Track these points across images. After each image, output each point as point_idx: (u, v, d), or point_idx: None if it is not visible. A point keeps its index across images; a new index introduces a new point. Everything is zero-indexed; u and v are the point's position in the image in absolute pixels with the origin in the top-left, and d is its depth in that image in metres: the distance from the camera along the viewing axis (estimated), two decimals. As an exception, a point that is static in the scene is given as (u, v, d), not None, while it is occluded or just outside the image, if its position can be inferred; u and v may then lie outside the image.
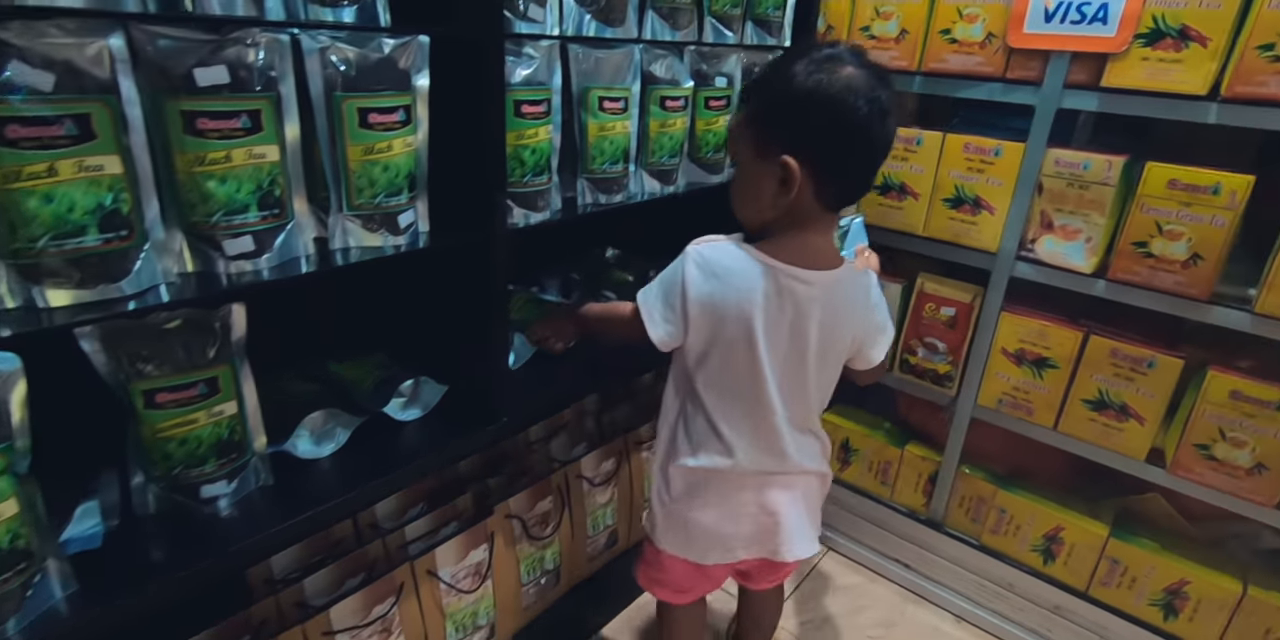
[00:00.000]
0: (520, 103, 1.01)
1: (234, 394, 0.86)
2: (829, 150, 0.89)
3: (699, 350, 0.99)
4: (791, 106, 0.89)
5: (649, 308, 0.98)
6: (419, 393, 1.12)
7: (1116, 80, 1.30)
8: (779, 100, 0.90)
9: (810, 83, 0.87)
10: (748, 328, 0.95)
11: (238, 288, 0.79)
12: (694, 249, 0.95)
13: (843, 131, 0.88)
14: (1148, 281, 1.33)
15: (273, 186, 0.80)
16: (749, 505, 1.05)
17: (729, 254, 0.95)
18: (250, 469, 0.91)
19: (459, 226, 1.00)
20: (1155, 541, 1.46)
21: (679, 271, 0.96)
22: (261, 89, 0.76)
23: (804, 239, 0.96)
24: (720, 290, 0.94)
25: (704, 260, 0.94)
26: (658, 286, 0.99)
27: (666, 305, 0.97)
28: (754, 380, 0.98)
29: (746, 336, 0.95)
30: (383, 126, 0.86)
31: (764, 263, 0.94)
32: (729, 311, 0.94)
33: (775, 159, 0.90)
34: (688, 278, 0.94)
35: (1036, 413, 1.52)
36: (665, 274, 0.98)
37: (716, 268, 0.94)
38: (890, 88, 0.89)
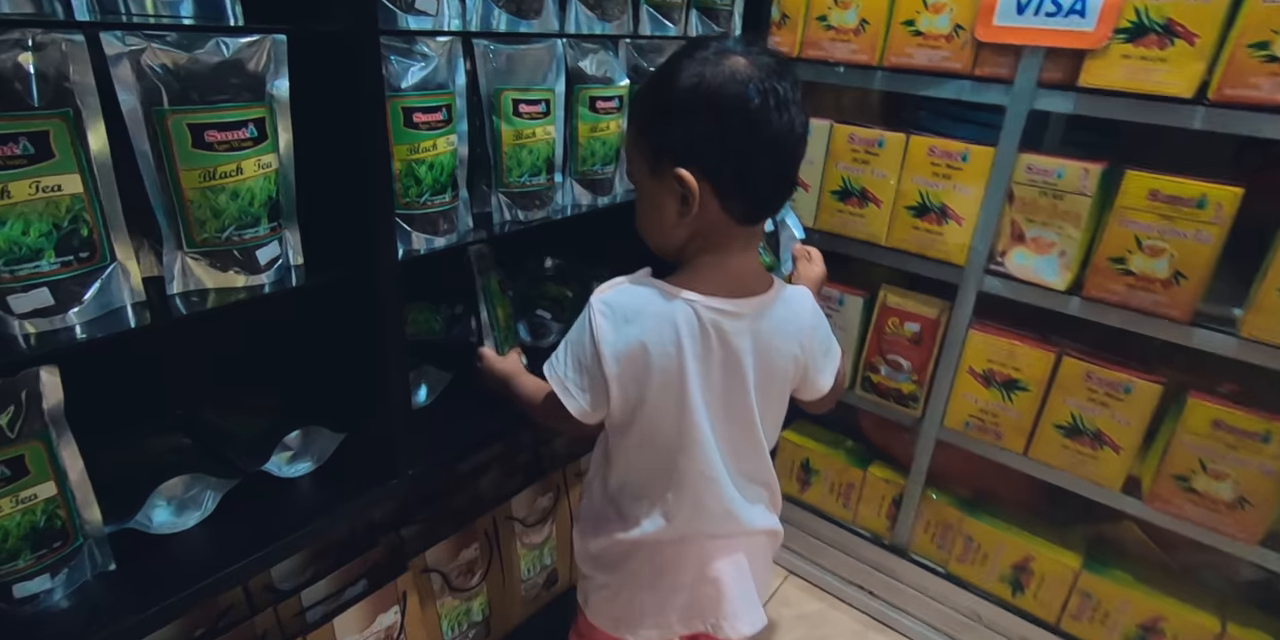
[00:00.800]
0: (411, 111, 0.86)
1: (49, 473, 0.71)
2: (725, 155, 0.76)
3: (624, 411, 0.85)
4: (675, 111, 0.76)
5: (560, 379, 0.84)
6: (309, 443, 0.97)
7: (1094, 80, 1.18)
8: (661, 106, 0.78)
9: (691, 81, 0.75)
10: (675, 378, 0.82)
11: (37, 352, 0.63)
12: (596, 298, 0.81)
13: (736, 131, 0.75)
14: (1125, 301, 1.23)
15: (76, 225, 0.64)
16: (686, 574, 0.93)
17: (637, 295, 0.81)
18: (83, 556, 0.76)
19: (341, 258, 0.85)
20: (1129, 573, 1.37)
21: (585, 328, 0.81)
22: (49, 106, 0.60)
23: (723, 263, 0.83)
24: (637, 338, 0.80)
25: (610, 308, 0.80)
26: (564, 352, 0.85)
27: (580, 371, 0.83)
28: (689, 436, 0.85)
29: (675, 388, 0.82)
30: (226, 146, 0.70)
31: (680, 298, 0.80)
32: (652, 362, 0.81)
33: (669, 174, 0.77)
34: (598, 332, 0.80)
35: (1006, 437, 1.42)
36: (571, 335, 0.84)
37: (627, 313, 0.80)
38: (789, 76, 0.76)
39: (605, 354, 0.80)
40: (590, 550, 0.97)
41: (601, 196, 1.20)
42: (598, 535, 0.95)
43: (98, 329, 0.67)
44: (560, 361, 0.85)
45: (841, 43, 1.42)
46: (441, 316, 1.30)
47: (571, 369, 0.83)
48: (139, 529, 0.83)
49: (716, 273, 0.82)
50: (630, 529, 0.90)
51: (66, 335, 0.66)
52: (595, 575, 0.98)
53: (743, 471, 0.92)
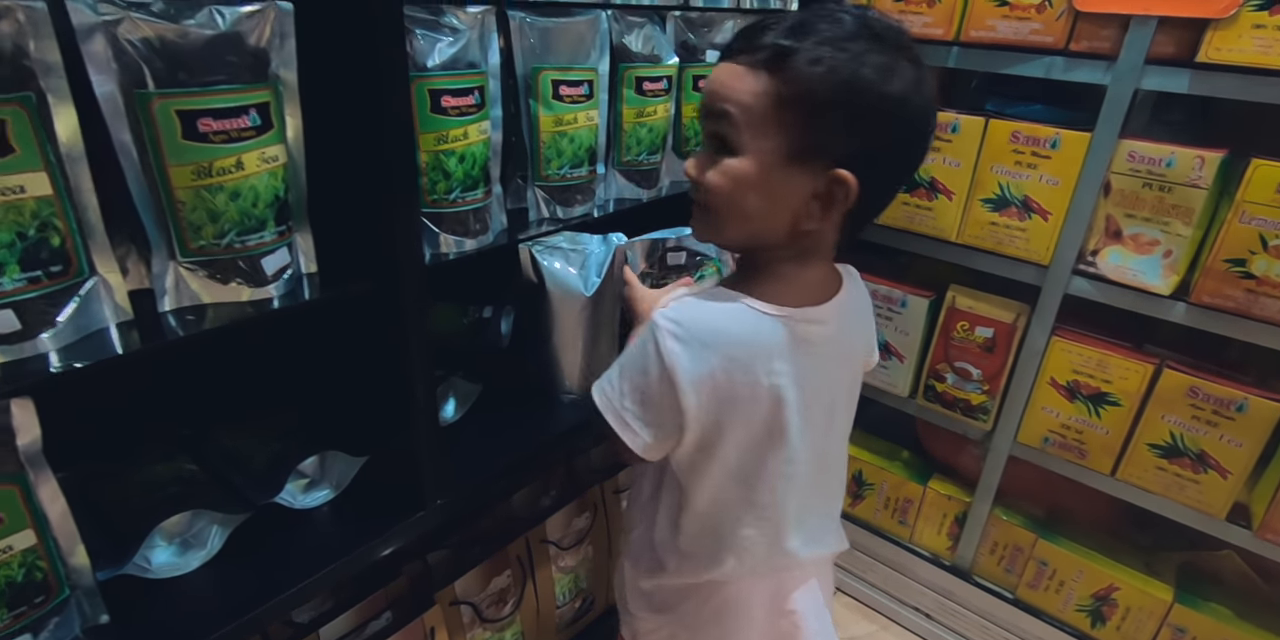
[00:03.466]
0: (439, 93, 0.74)
1: (28, 520, 0.61)
2: (888, 169, 0.67)
3: (700, 446, 0.72)
4: (853, 109, 0.62)
5: (615, 410, 0.71)
6: (327, 469, 0.87)
7: (1218, 54, 1.02)
8: (848, 96, 0.61)
9: (898, 86, 0.62)
10: (766, 405, 0.69)
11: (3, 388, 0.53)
12: (663, 317, 0.67)
13: (906, 148, 0.67)
14: (1244, 308, 1.08)
15: (44, 234, 0.54)
16: (758, 609, 0.82)
17: (716, 313, 0.68)
18: (70, 610, 0.66)
19: (359, 265, 0.74)
20: (1229, 609, 1.23)
21: (649, 352, 0.68)
22: (3, 89, 0.49)
23: (808, 270, 0.71)
24: (720, 364, 0.67)
25: (683, 328, 0.67)
26: (619, 378, 0.71)
27: (641, 402, 0.70)
28: (779, 468, 0.73)
29: (767, 416, 0.70)
30: (223, 136, 0.59)
31: (769, 314, 0.68)
32: (739, 391, 0.68)
33: (820, 169, 0.63)
34: (669, 358, 0.66)
35: (1091, 456, 1.28)
36: (627, 359, 0.71)
37: (704, 334, 0.67)
38: None
39: (682, 383, 0.66)
40: (643, 588, 0.87)
41: (646, 190, 1.08)
42: (654, 574, 0.84)
43: (76, 356, 0.57)
44: (614, 389, 0.71)
45: (913, 15, 1.27)
46: (468, 320, 1.19)
47: (630, 400, 0.70)
48: (136, 574, 0.74)
49: (801, 280, 0.71)
50: (698, 568, 0.79)
51: (38, 364, 0.55)
52: (647, 617, 0.88)
53: (826, 492, 0.82)
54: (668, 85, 1.01)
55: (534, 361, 1.09)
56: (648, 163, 1.04)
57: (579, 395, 1.09)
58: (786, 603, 0.83)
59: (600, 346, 1.07)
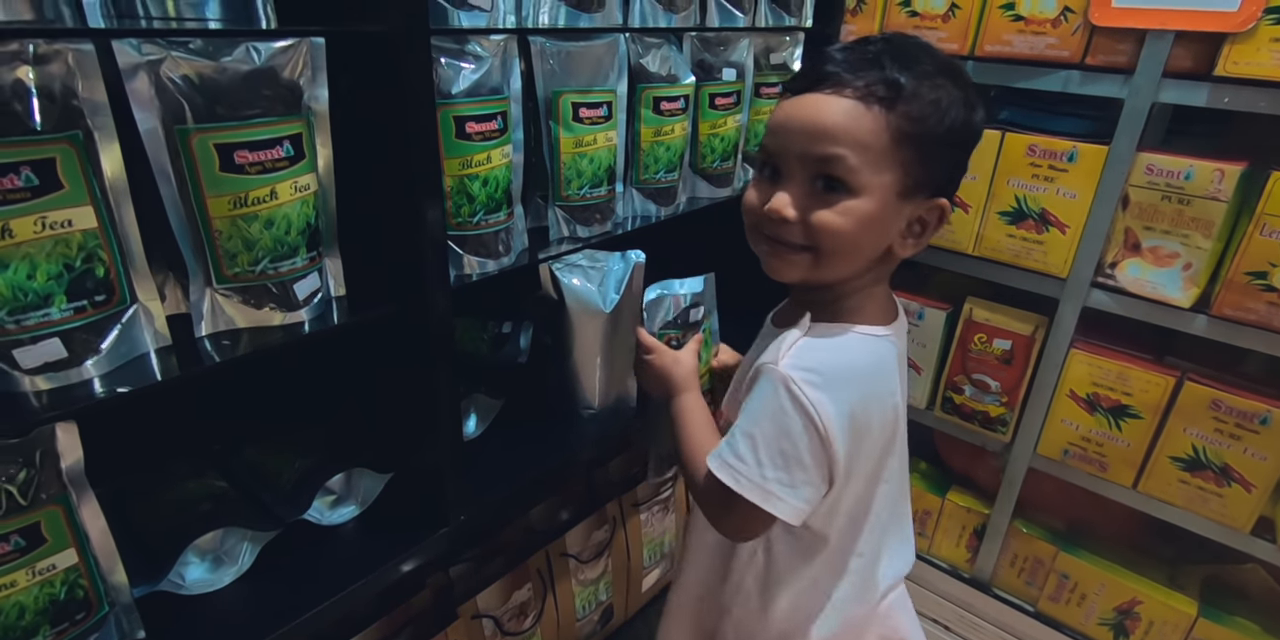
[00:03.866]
0: (464, 120, 0.76)
1: (70, 539, 0.63)
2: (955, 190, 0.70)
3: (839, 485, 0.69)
4: (957, 143, 0.66)
5: (757, 486, 0.65)
6: (353, 485, 0.89)
7: (1235, 67, 1.03)
8: (959, 133, 0.65)
9: (975, 118, 0.66)
10: (893, 425, 0.71)
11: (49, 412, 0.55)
12: (791, 369, 0.64)
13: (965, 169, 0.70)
14: (1265, 320, 1.07)
15: (90, 265, 0.55)
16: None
17: (841, 349, 0.68)
18: (109, 627, 0.68)
19: (386, 288, 0.75)
20: (1255, 623, 1.22)
21: (787, 410, 0.64)
22: (54, 128, 0.52)
23: (884, 291, 0.74)
24: (859, 400, 0.65)
25: (818, 374, 0.64)
26: (751, 451, 0.65)
27: (787, 466, 0.65)
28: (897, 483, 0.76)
29: (890, 435, 0.71)
30: (258, 167, 0.61)
31: (881, 337, 0.70)
32: (873, 420, 0.67)
33: (922, 200, 0.66)
34: (816, 408, 0.63)
35: (1112, 469, 1.27)
36: (756, 426, 0.66)
37: (839, 373, 0.66)
38: None
39: (832, 431, 0.63)
40: None
41: (664, 207, 1.09)
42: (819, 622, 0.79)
43: (119, 382, 0.59)
44: (749, 463, 0.66)
45: (927, 30, 1.28)
46: (488, 335, 1.21)
47: (772, 468, 0.65)
48: (170, 590, 0.75)
49: (885, 297, 0.74)
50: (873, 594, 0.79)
51: (83, 391, 0.57)
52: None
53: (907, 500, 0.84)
54: (684, 104, 1.02)
55: (554, 377, 1.10)
56: (665, 181, 1.05)
57: (598, 410, 1.11)
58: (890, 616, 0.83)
59: (618, 362, 1.08)
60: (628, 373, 1.10)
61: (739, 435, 0.67)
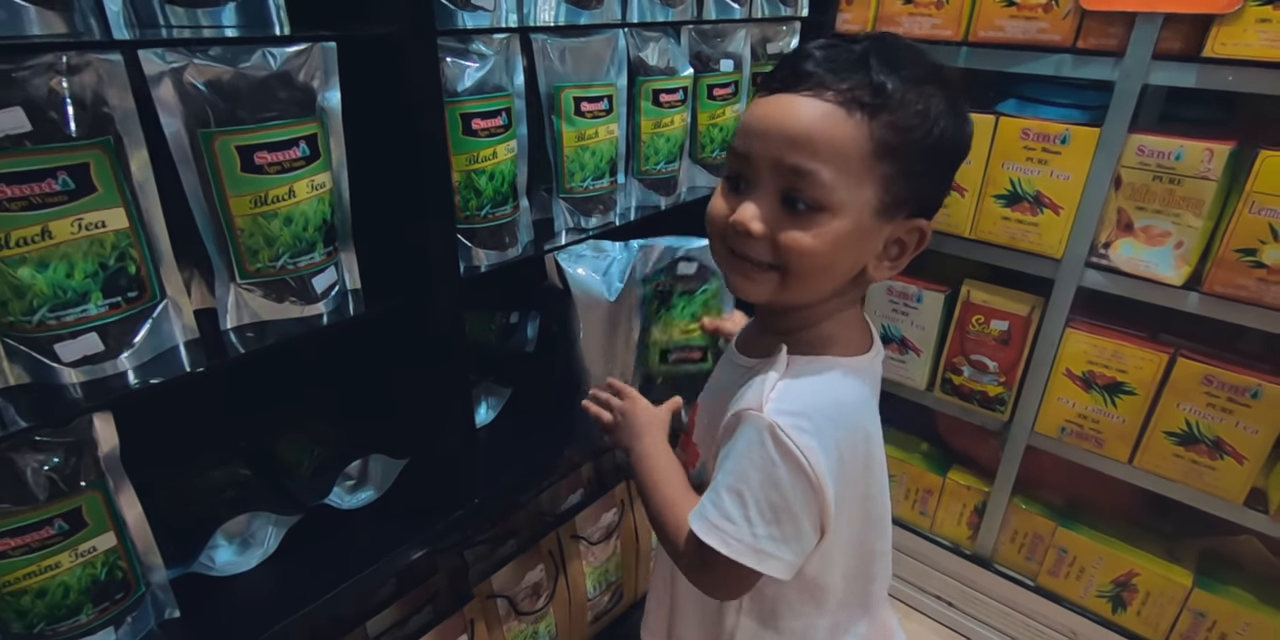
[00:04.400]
0: (470, 117, 0.78)
1: (109, 523, 0.67)
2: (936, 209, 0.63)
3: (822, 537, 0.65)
4: (943, 158, 0.59)
5: (748, 547, 0.60)
6: (369, 472, 0.92)
7: (1224, 48, 1.04)
8: (936, 154, 0.58)
9: (966, 134, 0.60)
10: (864, 448, 0.65)
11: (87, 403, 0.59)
12: (780, 414, 0.59)
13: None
14: (1256, 297, 1.10)
15: (122, 263, 0.59)
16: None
17: (827, 388, 0.62)
18: (146, 606, 0.72)
19: (399, 281, 0.79)
20: (1249, 593, 1.25)
21: (773, 461, 0.58)
22: (87, 135, 0.55)
23: (859, 316, 0.68)
24: (844, 438, 0.61)
25: (808, 419, 0.59)
26: (739, 509, 0.60)
27: (776, 521, 0.60)
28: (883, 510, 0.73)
29: (865, 458, 0.66)
30: (277, 167, 0.64)
31: (858, 372, 0.65)
32: (855, 451, 0.63)
33: (901, 221, 0.59)
34: (806, 456, 0.58)
35: (1108, 444, 1.30)
36: (737, 483, 0.60)
37: (827, 416, 0.60)
38: None
39: (823, 478, 0.58)
40: None
41: (665, 197, 1.12)
42: None
43: (151, 373, 0.62)
44: (737, 524, 0.60)
45: (922, 17, 1.30)
46: (496, 325, 1.24)
47: (762, 526, 0.59)
48: (201, 572, 0.79)
49: (858, 320, 0.68)
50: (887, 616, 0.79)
51: (119, 382, 0.61)
52: None
53: None
54: (683, 96, 1.04)
55: (561, 364, 1.13)
56: (666, 171, 1.08)
57: (605, 396, 1.14)
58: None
59: (623, 349, 1.11)
60: (632, 359, 1.13)
61: (724, 493, 0.61)
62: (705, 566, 0.63)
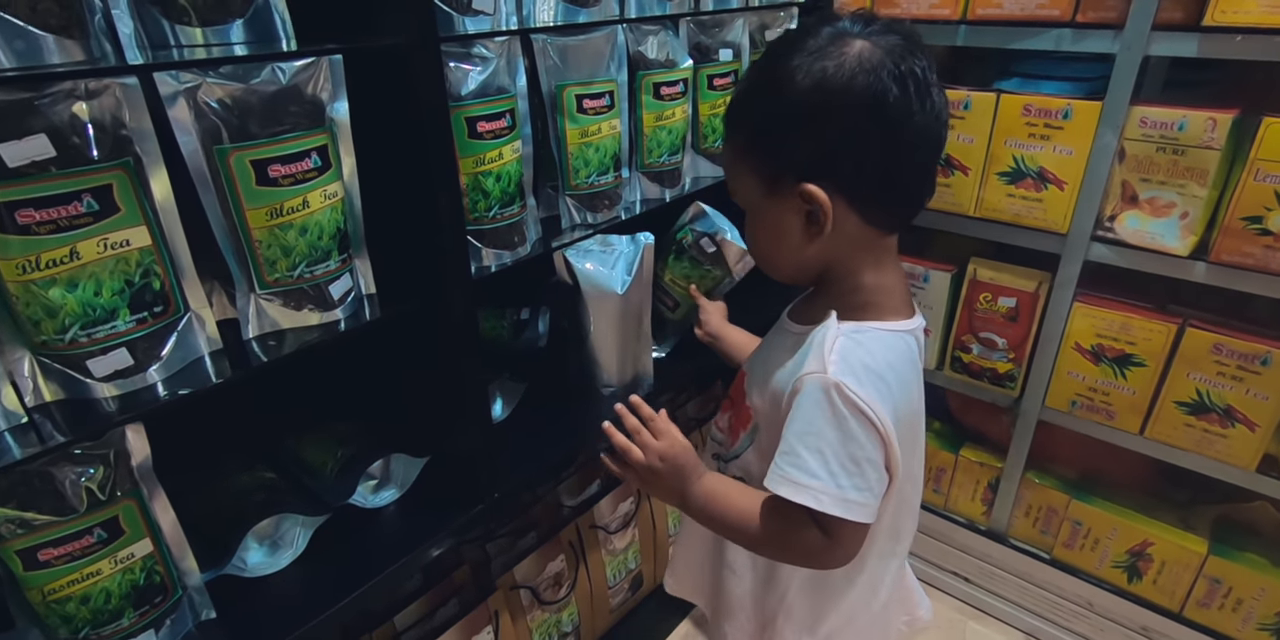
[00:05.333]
0: (474, 120, 0.79)
1: (145, 530, 0.69)
2: (863, 162, 0.63)
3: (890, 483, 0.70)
4: (794, 118, 0.63)
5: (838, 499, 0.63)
6: (391, 471, 0.94)
7: (1224, 16, 1.04)
8: (775, 114, 0.64)
9: (810, 80, 0.61)
10: (915, 416, 0.73)
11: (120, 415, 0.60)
12: (838, 375, 0.63)
13: (876, 133, 0.62)
14: (1263, 264, 1.10)
15: (147, 279, 0.60)
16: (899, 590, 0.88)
17: (878, 346, 0.66)
18: (184, 608, 0.74)
19: (413, 284, 0.80)
20: (1264, 558, 1.27)
21: (843, 415, 0.63)
22: (108, 157, 0.56)
23: (891, 278, 0.71)
24: (898, 392, 0.66)
25: (866, 373, 0.64)
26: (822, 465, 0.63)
27: (858, 470, 0.63)
28: (919, 465, 0.78)
29: (914, 425, 0.73)
30: (290, 179, 0.65)
31: (901, 330, 0.69)
32: (911, 410, 0.71)
33: (791, 191, 0.64)
34: (870, 406, 0.62)
35: (1119, 416, 1.31)
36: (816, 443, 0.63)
37: (881, 370, 0.65)
38: (923, 53, 0.63)
39: (885, 424, 0.63)
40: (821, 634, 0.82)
41: (670, 189, 1.12)
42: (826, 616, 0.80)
43: (179, 384, 0.64)
44: (824, 480, 0.63)
45: (918, -3, 1.29)
46: (508, 322, 1.26)
47: (845, 478, 0.63)
48: (234, 573, 0.82)
49: (896, 290, 0.71)
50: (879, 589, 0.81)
51: (149, 394, 0.63)
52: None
53: None
54: (684, 88, 1.05)
55: (573, 358, 1.15)
56: (670, 163, 1.09)
57: (617, 387, 1.15)
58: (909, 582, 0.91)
59: (634, 341, 1.13)
60: (643, 351, 1.15)
61: (804, 452, 0.64)
62: (795, 535, 0.66)
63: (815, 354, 0.65)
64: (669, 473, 0.73)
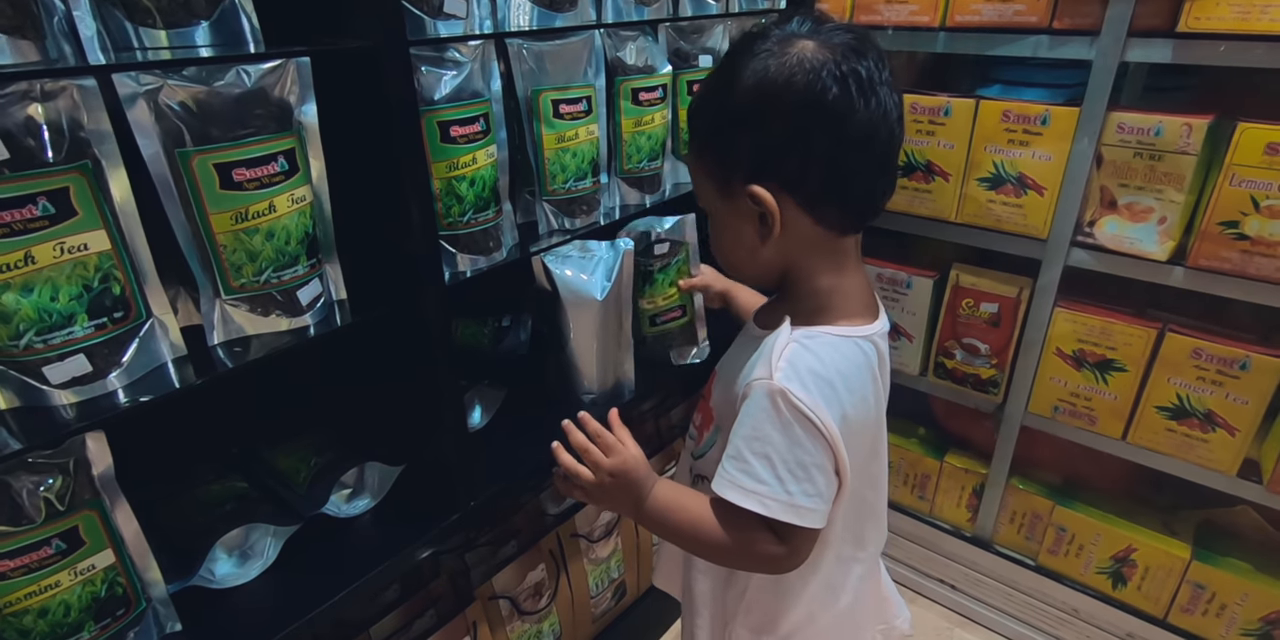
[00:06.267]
0: (447, 124, 0.79)
1: (106, 541, 0.67)
2: (806, 161, 0.63)
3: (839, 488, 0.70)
4: (736, 118, 0.64)
5: (786, 504, 0.63)
6: (365, 480, 0.93)
7: (1197, 23, 1.05)
8: (720, 115, 0.66)
9: (752, 80, 0.62)
10: (872, 425, 0.72)
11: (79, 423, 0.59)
12: (784, 381, 0.63)
13: (815, 131, 0.62)
14: (1239, 269, 1.10)
15: (106, 284, 0.59)
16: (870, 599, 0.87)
17: (829, 352, 0.66)
18: (147, 621, 0.73)
19: (385, 289, 0.79)
20: (1247, 563, 1.27)
21: (788, 421, 0.63)
22: (65, 160, 0.55)
23: (851, 281, 0.71)
24: (847, 400, 0.65)
25: (814, 379, 0.64)
26: (769, 471, 0.64)
27: (807, 479, 0.64)
28: (880, 468, 0.77)
29: (871, 433, 0.73)
30: (255, 183, 0.65)
31: (857, 336, 0.68)
32: (863, 418, 0.68)
33: (742, 193, 0.65)
34: (812, 412, 0.63)
35: (1101, 421, 1.31)
36: (763, 449, 0.64)
37: (831, 378, 0.65)
38: (870, 53, 0.63)
39: (831, 431, 0.63)
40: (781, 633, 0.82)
41: (650, 195, 1.12)
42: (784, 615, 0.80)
43: (141, 391, 0.63)
44: (771, 486, 0.63)
45: (898, 4, 1.30)
46: (488, 329, 1.25)
47: (794, 481, 0.63)
48: (202, 585, 0.80)
49: (856, 293, 0.71)
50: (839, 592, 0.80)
51: (109, 401, 0.61)
52: None
53: None
54: (663, 94, 1.05)
55: (553, 365, 1.14)
56: (649, 169, 1.08)
57: (597, 394, 1.14)
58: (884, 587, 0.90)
59: (614, 347, 1.12)
60: (624, 358, 1.14)
61: (751, 458, 0.64)
62: (745, 541, 0.67)
63: (764, 359, 0.66)
64: (620, 487, 0.73)
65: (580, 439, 0.75)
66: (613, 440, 0.74)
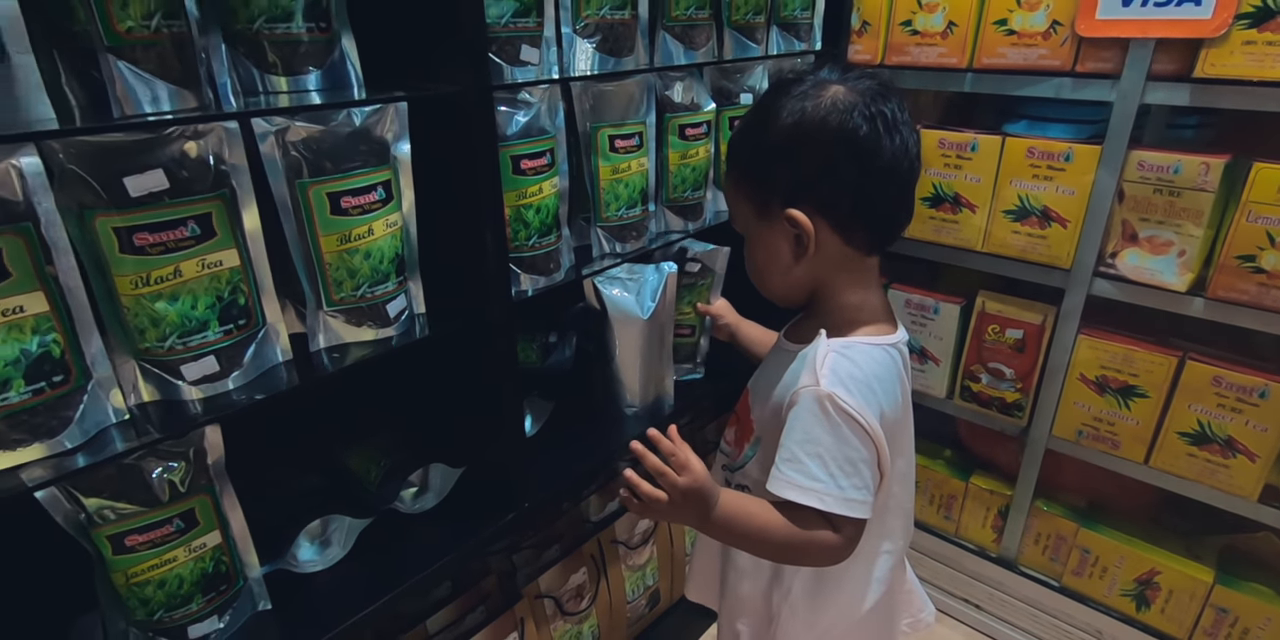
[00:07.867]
0: (519, 159, 0.88)
1: (216, 523, 0.76)
2: (839, 189, 0.72)
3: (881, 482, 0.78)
4: (778, 151, 0.74)
5: (839, 498, 0.70)
6: (430, 480, 1.01)
7: (1213, 69, 1.11)
8: (762, 147, 0.75)
9: (792, 118, 0.72)
10: (902, 424, 0.81)
11: (204, 416, 0.68)
12: (829, 386, 0.70)
13: (847, 162, 0.71)
14: (1257, 300, 1.15)
15: (235, 295, 0.69)
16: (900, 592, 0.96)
17: (865, 359, 0.74)
18: (244, 597, 0.81)
19: (460, 304, 0.88)
20: (1270, 588, 1.29)
21: (836, 423, 0.70)
22: (210, 189, 0.65)
23: (873, 295, 0.80)
24: (886, 401, 0.74)
25: (854, 382, 0.71)
26: (822, 469, 0.70)
27: (856, 473, 0.70)
28: (909, 466, 0.86)
29: (903, 433, 0.82)
30: (359, 209, 0.74)
31: (885, 344, 0.77)
32: (896, 418, 0.77)
33: (778, 216, 0.74)
34: (857, 413, 0.70)
35: (1124, 446, 1.35)
36: (814, 449, 0.70)
37: (869, 381, 0.73)
38: (893, 97, 0.73)
39: (874, 428, 0.71)
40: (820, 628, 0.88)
41: (692, 222, 1.21)
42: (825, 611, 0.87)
43: (255, 390, 0.72)
44: (825, 483, 0.70)
45: (928, 46, 1.38)
46: (537, 346, 1.33)
47: (844, 479, 0.70)
48: (288, 568, 0.88)
49: (879, 307, 0.80)
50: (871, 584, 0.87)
51: (228, 398, 0.70)
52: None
53: None
54: (707, 129, 1.14)
55: (599, 380, 1.22)
56: (693, 198, 1.17)
57: (639, 408, 1.22)
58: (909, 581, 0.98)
59: (656, 364, 1.20)
60: (665, 373, 1.22)
61: (805, 459, 0.70)
62: (809, 536, 0.71)
63: (809, 369, 0.73)
64: (692, 503, 0.72)
65: (655, 462, 0.72)
66: (684, 458, 0.72)
